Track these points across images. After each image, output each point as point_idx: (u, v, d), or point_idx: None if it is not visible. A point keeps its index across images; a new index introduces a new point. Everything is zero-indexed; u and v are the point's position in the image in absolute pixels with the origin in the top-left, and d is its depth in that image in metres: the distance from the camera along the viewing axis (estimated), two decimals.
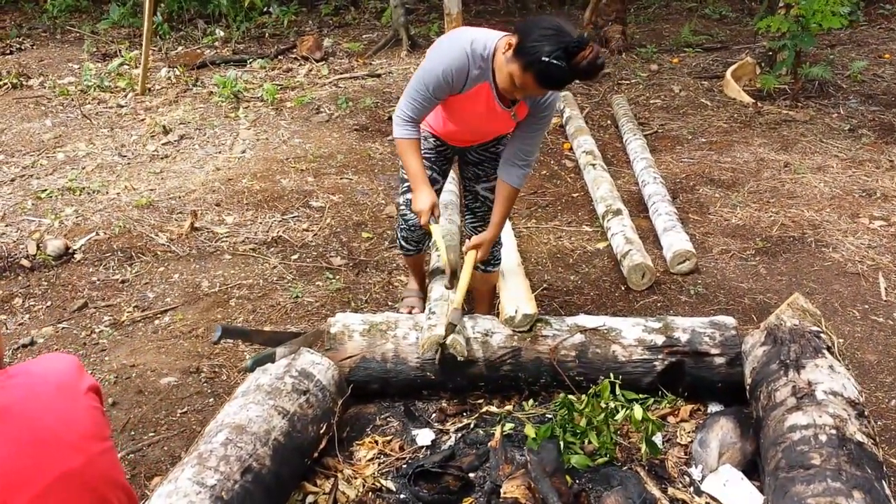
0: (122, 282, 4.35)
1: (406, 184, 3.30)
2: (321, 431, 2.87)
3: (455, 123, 3.10)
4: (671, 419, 3.15)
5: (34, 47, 9.79)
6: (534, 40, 2.50)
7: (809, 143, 6.02)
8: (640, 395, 3.19)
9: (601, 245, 4.63)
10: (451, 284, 3.22)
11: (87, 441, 1.62)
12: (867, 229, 4.67)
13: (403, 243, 3.52)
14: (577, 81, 2.61)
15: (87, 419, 1.67)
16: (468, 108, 2.96)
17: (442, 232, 3.23)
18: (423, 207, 3.02)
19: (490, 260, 3.47)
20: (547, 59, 2.46)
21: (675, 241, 4.36)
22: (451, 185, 4.44)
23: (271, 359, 2.90)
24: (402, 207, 3.40)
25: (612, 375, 3.05)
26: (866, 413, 2.66)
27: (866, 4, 10.24)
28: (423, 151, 3.19)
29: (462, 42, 2.77)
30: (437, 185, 3.33)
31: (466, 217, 3.50)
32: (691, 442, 2.98)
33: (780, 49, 7.03)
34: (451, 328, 3.05)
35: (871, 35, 9.40)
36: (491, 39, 2.77)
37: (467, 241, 3.35)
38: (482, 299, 3.70)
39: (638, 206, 5.07)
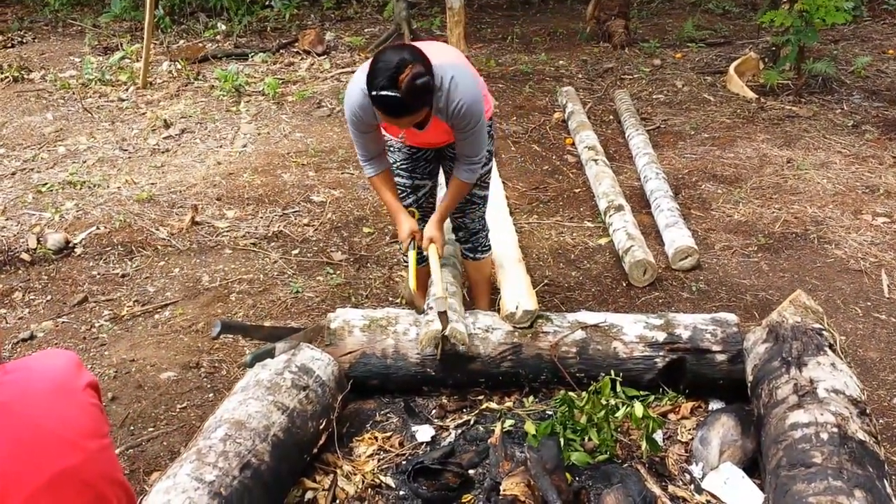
0: (123, 276, 4.34)
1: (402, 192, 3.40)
2: (321, 427, 2.86)
3: (405, 135, 3.21)
4: (672, 416, 3.14)
5: (35, 41, 9.76)
6: (368, 78, 2.66)
7: (812, 139, 5.99)
8: (642, 392, 3.18)
9: (603, 241, 4.61)
10: (415, 307, 3.30)
11: (84, 438, 1.61)
12: (870, 226, 4.65)
13: None
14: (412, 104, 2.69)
15: (85, 416, 1.66)
16: (397, 130, 3.13)
17: (439, 260, 3.28)
18: (403, 237, 3.24)
19: (477, 247, 3.50)
20: (376, 93, 2.62)
21: (677, 237, 4.34)
22: None
23: (271, 354, 2.89)
24: None
25: (612, 372, 3.05)
26: (868, 411, 2.64)
27: (870, 0, 10.19)
28: (399, 162, 3.31)
29: (360, 80, 2.86)
30: (423, 189, 3.39)
31: None
32: (692, 439, 2.96)
33: (783, 44, 7.00)
34: (443, 318, 3.05)
35: (875, 30, 9.35)
36: None
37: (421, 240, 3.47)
38: (480, 292, 3.69)
39: (640, 202, 5.05)
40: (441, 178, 3.48)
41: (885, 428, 3.11)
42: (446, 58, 2.90)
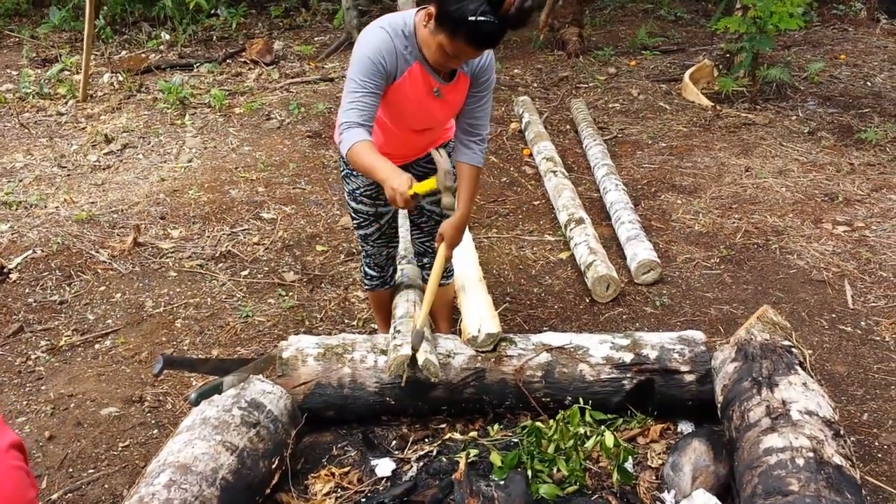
0: (61, 303, 4.10)
1: (356, 220, 3.14)
2: (273, 466, 2.69)
3: (398, 127, 2.83)
4: (640, 440, 3.03)
5: None
6: (454, 2, 2.32)
7: (769, 147, 5.97)
8: (609, 416, 3.07)
9: (564, 255, 4.50)
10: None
11: None
12: (831, 235, 4.61)
13: (367, 269, 3.32)
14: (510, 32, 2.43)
15: (10, 482, 1.48)
16: (409, 97, 2.68)
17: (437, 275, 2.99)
18: (400, 191, 2.42)
19: (442, 273, 3.29)
20: (474, 18, 2.29)
21: (639, 250, 4.24)
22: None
23: (218, 390, 2.70)
24: (359, 241, 3.26)
25: (581, 400, 2.93)
26: (842, 432, 2.56)
27: (819, 4, 10.31)
28: (362, 188, 3.00)
29: (379, 25, 2.60)
30: (386, 216, 3.12)
31: (413, 233, 3.35)
32: (662, 465, 2.86)
33: (737, 51, 6.99)
34: (416, 349, 2.89)
35: (826, 35, 9.45)
36: (408, 16, 2.61)
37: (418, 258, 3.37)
38: (441, 316, 3.52)
39: (600, 214, 4.95)
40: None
41: (857, 446, 3.03)
42: None
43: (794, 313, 3.88)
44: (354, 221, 3.17)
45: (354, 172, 2.98)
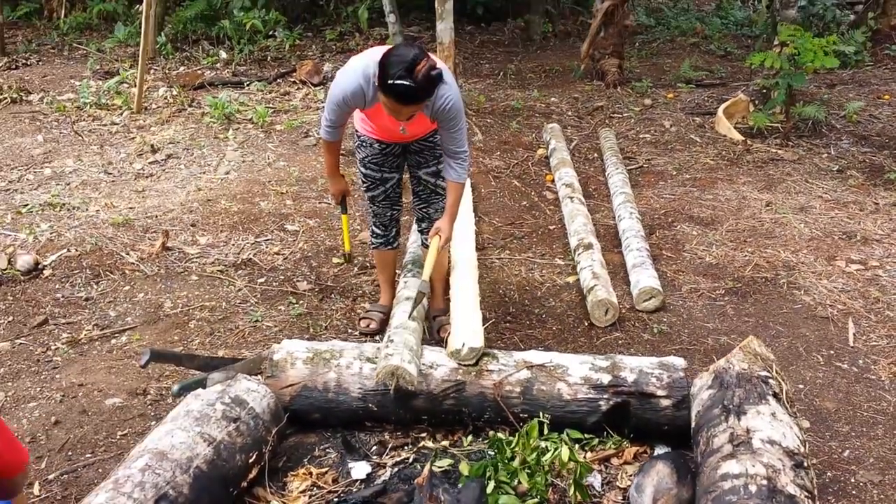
0: (87, 299, 4.34)
1: (365, 184, 3.79)
2: (250, 461, 2.83)
3: (384, 133, 3.57)
4: (615, 461, 3.09)
5: (40, 63, 9.88)
6: (383, 69, 3.01)
7: (794, 183, 5.94)
8: (587, 436, 3.14)
9: (571, 279, 4.57)
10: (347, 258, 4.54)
11: None
12: (843, 272, 4.58)
13: (374, 228, 3.93)
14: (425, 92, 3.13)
15: None
16: (378, 119, 3.45)
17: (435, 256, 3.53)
18: (333, 192, 3.99)
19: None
20: (392, 81, 2.97)
21: (642, 277, 4.29)
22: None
23: (202, 384, 2.86)
24: (368, 203, 3.88)
25: (557, 415, 3.01)
26: (806, 464, 2.58)
27: (874, 45, 10.16)
28: (371, 157, 3.67)
29: (358, 69, 3.27)
30: (391, 181, 3.75)
31: (412, 199, 3.87)
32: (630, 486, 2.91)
33: (772, 87, 6.98)
34: (420, 296, 3.43)
35: (875, 75, 9.31)
36: (374, 63, 3.16)
37: (416, 223, 4.00)
38: (435, 292, 3.93)
39: (613, 241, 5.01)
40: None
41: (833, 481, 3.03)
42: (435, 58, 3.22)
43: (791, 347, 3.88)
44: (364, 185, 3.80)
45: (364, 143, 3.66)
